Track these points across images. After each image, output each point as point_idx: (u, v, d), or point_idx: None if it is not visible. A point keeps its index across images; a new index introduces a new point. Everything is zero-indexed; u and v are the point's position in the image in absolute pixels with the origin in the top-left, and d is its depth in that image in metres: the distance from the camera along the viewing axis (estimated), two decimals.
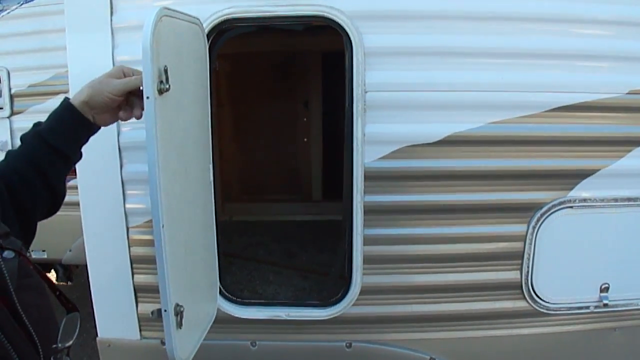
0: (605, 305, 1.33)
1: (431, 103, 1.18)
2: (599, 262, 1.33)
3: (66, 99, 0.87)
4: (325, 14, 1.16)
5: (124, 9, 1.21)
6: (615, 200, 1.29)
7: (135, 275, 1.31)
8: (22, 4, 1.94)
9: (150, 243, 1.12)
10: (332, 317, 1.28)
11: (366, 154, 1.21)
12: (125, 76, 0.87)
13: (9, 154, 0.87)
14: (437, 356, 1.33)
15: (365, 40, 1.16)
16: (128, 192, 1.28)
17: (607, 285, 1.33)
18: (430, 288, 1.31)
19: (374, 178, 1.22)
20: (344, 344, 1.30)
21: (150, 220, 0.90)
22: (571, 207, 1.27)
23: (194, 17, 1.01)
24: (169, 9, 0.86)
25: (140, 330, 1.36)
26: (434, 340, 1.33)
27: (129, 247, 1.30)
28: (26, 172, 0.84)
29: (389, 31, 1.18)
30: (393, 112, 1.21)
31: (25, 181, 0.85)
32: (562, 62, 1.22)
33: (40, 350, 0.62)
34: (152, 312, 1.07)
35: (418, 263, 1.29)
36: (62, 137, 0.86)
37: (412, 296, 1.31)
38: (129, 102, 0.88)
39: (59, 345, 0.66)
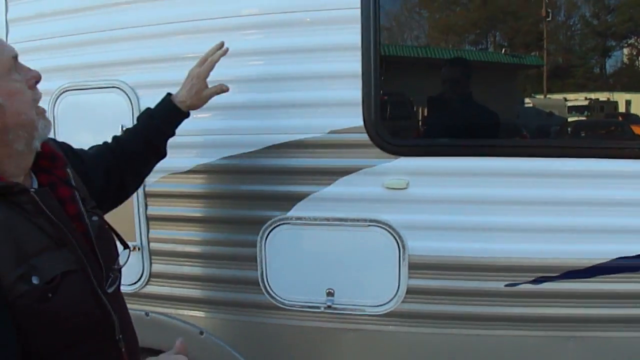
0: (330, 307, 1.60)
1: (177, 144, 1.65)
2: (323, 270, 1.61)
3: (168, 96, 1.36)
4: None
5: None
6: (327, 219, 1.58)
7: None
8: None
9: None
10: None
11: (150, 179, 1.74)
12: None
13: (126, 130, 1.36)
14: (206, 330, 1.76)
15: None
16: None
17: (332, 291, 1.61)
18: (204, 278, 1.76)
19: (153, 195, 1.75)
20: (144, 312, 1.83)
21: None
22: (289, 223, 1.60)
23: None
24: None
25: None
26: (207, 318, 1.77)
27: None
28: (139, 145, 1.30)
29: None
30: None
31: (137, 153, 1.30)
32: (278, 110, 1.59)
33: (103, 267, 0.99)
34: None
35: (195, 259, 1.76)
36: (165, 121, 1.35)
37: (194, 283, 1.77)
38: None
39: (115, 266, 1.05)
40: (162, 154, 1.39)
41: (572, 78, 1.80)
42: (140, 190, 1.72)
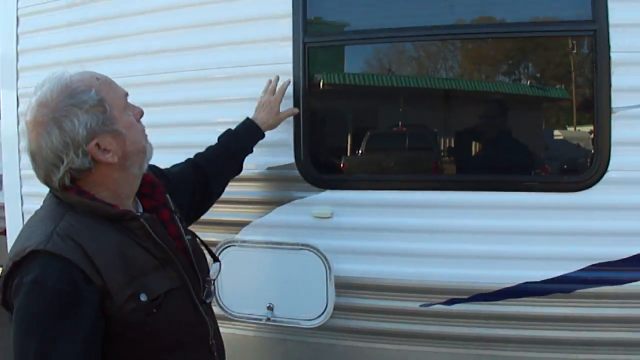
0: (270, 319, 1.83)
1: None
2: (264, 286, 1.85)
3: (248, 119, 1.63)
4: None
5: None
6: (267, 243, 1.82)
7: None
8: None
9: None
10: None
11: None
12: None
13: (210, 147, 1.57)
14: None
15: None
16: None
17: (271, 305, 1.84)
18: None
19: None
20: None
21: None
22: (236, 245, 1.86)
23: None
24: None
25: None
26: None
27: None
28: (226, 160, 1.56)
29: None
30: None
31: (222, 167, 1.55)
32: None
33: (200, 280, 1.12)
34: None
35: None
36: (249, 137, 1.62)
37: None
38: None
39: (208, 277, 1.17)
40: (240, 169, 1.64)
41: None
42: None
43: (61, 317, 0.90)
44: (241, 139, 1.61)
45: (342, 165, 1.89)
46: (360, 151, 1.85)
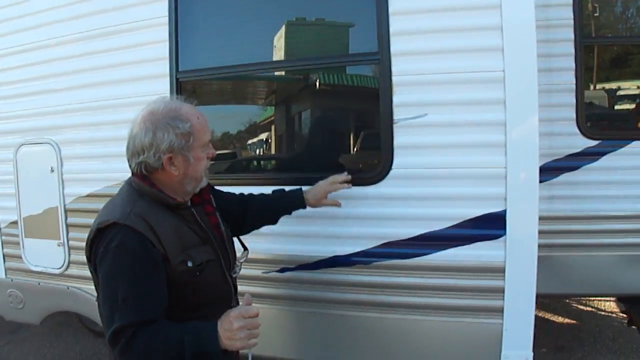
0: None
1: (80, 179, 2.58)
2: None
3: (300, 190, 1.84)
4: None
5: None
6: None
7: None
8: None
9: None
10: None
11: (67, 200, 2.67)
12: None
13: (262, 194, 1.85)
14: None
15: None
16: None
17: None
18: None
19: (70, 210, 2.69)
20: (65, 287, 2.75)
21: None
22: None
23: None
24: None
25: None
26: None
27: None
28: (265, 210, 1.81)
29: None
30: None
31: (265, 216, 1.83)
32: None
33: (231, 259, 1.48)
34: None
35: None
36: (293, 205, 1.84)
37: None
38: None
39: (237, 261, 1.55)
40: (275, 223, 1.86)
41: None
42: (61, 206, 2.67)
43: (140, 266, 1.24)
44: (286, 203, 1.84)
45: None
46: None
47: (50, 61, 2.62)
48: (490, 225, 1.93)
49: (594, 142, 2.76)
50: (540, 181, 2.78)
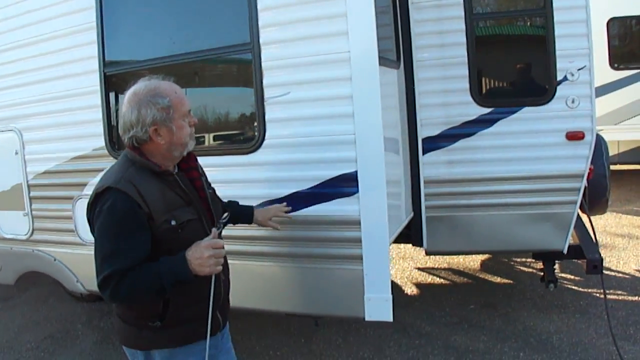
0: None
1: (37, 158, 3.09)
2: None
3: (252, 209, 2.14)
4: None
5: None
6: None
7: None
8: None
9: None
10: None
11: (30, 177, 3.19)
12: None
13: (230, 202, 2.08)
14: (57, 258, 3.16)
15: None
16: None
17: None
18: (56, 230, 3.15)
19: (32, 185, 3.21)
20: (31, 250, 3.28)
21: None
22: (82, 197, 2.91)
23: None
24: None
25: None
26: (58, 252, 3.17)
27: None
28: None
29: None
30: None
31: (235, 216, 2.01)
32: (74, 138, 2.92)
33: (214, 219, 1.63)
34: None
35: (53, 219, 3.17)
36: (242, 217, 2.11)
37: (54, 232, 3.17)
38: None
39: (220, 220, 1.66)
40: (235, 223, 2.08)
41: None
42: (25, 183, 3.20)
43: (127, 224, 1.43)
44: (237, 212, 2.08)
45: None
46: None
47: (13, 62, 3.14)
48: (346, 184, 2.28)
49: (487, 110, 3.05)
50: (439, 147, 3.18)
